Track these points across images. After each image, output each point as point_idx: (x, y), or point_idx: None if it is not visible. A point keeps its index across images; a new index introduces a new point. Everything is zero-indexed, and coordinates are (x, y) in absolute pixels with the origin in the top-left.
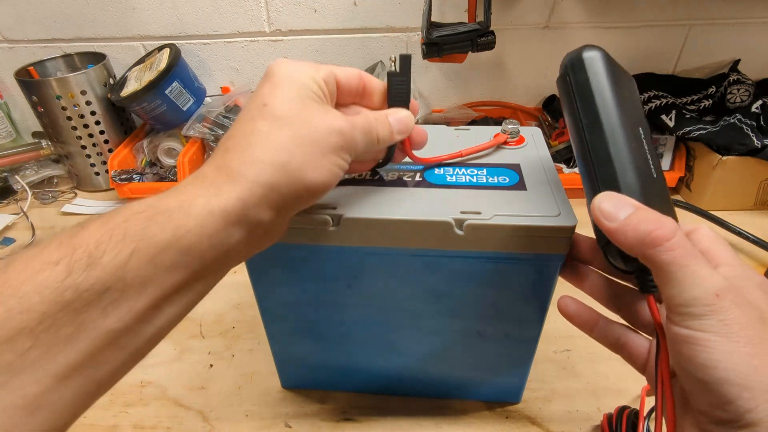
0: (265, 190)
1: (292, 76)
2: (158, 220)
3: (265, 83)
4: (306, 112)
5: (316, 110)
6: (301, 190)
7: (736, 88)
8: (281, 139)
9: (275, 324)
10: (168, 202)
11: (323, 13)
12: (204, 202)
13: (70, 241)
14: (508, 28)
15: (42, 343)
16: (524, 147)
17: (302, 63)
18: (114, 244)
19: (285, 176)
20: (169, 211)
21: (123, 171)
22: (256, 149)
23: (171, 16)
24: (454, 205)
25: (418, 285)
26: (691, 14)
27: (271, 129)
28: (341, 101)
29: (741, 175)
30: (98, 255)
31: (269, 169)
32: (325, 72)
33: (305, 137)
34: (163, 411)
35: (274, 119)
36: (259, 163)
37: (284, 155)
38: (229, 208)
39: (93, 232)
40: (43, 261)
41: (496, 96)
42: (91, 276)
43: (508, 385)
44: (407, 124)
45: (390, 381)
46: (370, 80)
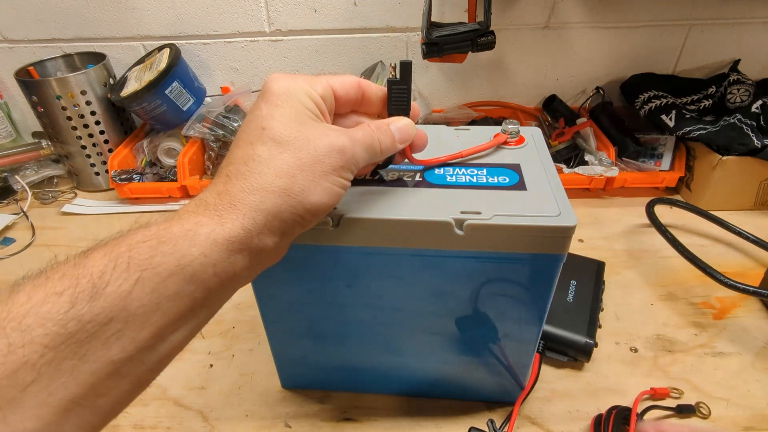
0: (267, 217)
1: (288, 93)
2: (162, 249)
3: (261, 102)
4: (305, 133)
5: (316, 130)
6: (304, 213)
7: (736, 88)
8: (282, 164)
9: (275, 324)
10: (172, 230)
11: (323, 13)
12: (208, 231)
13: (73, 271)
14: (508, 28)
15: (43, 376)
16: (524, 147)
17: (298, 78)
18: (118, 274)
19: (287, 202)
20: (173, 240)
21: (123, 171)
22: (257, 176)
23: (171, 16)
24: (454, 205)
25: (418, 285)
26: (691, 14)
27: (271, 154)
28: (339, 111)
29: (741, 175)
30: (102, 285)
31: (271, 197)
32: (321, 86)
33: (306, 160)
34: (163, 411)
35: (274, 143)
36: (261, 190)
37: (285, 180)
38: (233, 237)
39: (97, 261)
40: (47, 292)
41: (496, 96)
42: (95, 307)
43: (508, 385)
44: (409, 132)
45: (390, 381)
46: (368, 87)
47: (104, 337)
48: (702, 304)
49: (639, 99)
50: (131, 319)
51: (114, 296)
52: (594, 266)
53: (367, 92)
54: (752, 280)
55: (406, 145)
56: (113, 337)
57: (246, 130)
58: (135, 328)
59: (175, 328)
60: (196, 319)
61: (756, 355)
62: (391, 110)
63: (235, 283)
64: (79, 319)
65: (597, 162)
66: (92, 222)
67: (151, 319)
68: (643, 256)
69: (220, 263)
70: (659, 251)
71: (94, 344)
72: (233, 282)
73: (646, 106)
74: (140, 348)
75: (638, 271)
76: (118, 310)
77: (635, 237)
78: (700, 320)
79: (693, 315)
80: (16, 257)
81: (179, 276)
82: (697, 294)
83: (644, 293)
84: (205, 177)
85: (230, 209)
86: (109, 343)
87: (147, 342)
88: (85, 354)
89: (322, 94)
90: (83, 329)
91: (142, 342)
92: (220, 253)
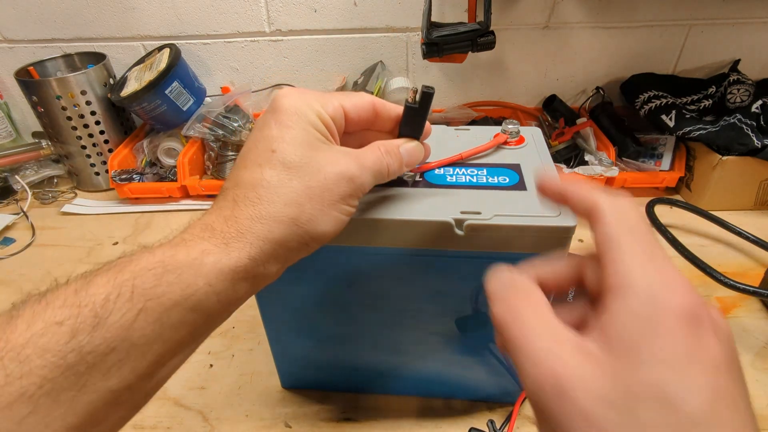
0: (274, 246)
1: (299, 113)
2: (168, 279)
3: (272, 121)
4: (316, 158)
5: (326, 155)
6: (309, 242)
7: (736, 88)
8: (291, 192)
9: (275, 324)
10: (177, 258)
11: (323, 13)
12: (214, 260)
13: (75, 298)
14: (508, 28)
15: (41, 408)
16: (524, 147)
17: (308, 96)
18: (121, 303)
19: (295, 231)
20: (179, 270)
21: (123, 171)
22: (266, 204)
23: (171, 16)
24: (454, 205)
25: (418, 285)
26: (691, 14)
27: (281, 180)
28: (350, 130)
29: (741, 175)
30: (104, 315)
31: (279, 226)
32: (332, 107)
33: (315, 188)
34: (163, 411)
35: (284, 168)
36: (269, 219)
37: (294, 210)
38: (240, 267)
39: (100, 288)
40: (47, 321)
41: (496, 96)
42: (96, 337)
43: (508, 385)
44: (417, 157)
45: (390, 381)
46: (383, 107)
47: (104, 368)
48: None
49: (639, 99)
50: (133, 349)
51: (116, 327)
52: None
53: (381, 112)
54: (752, 280)
55: (411, 168)
56: (114, 367)
57: (254, 149)
58: (136, 358)
59: (174, 354)
60: (195, 344)
61: (756, 355)
62: (403, 130)
63: (235, 307)
64: (80, 350)
65: (597, 162)
66: (92, 222)
67: (152, 348)
68: None
69: (224, 292)
70: None
71: (93, 375)
72: (234, 306)
73: (646, 106)
74: (140, 377)
75: None
76: (120, 341)
77: None
78: None
79: None
80: (16, 257)
81: (183, 306)
82: None
83: None
84: (205, 177)
85: (238, 237)
86: (109, 373)
87: (147, 370)
88: (84, 385)
89: (332, 115)
90: (83, 360)
91: (142, 371)
92: (225, 282)
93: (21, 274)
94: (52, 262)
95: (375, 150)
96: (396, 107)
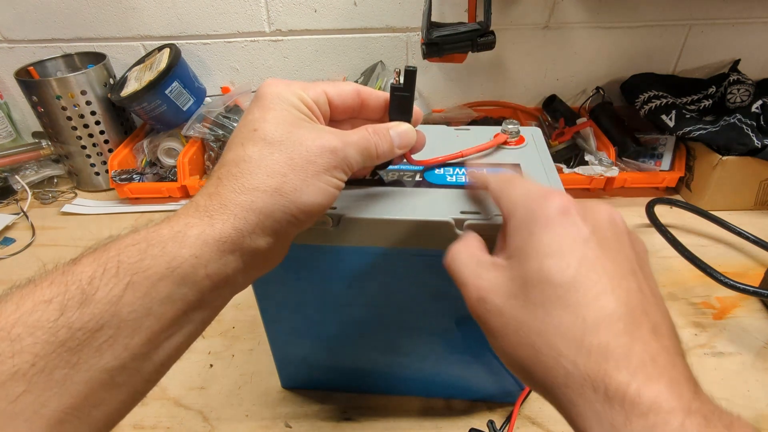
0: (259, 216)
1: (281, 96)
2: (152, 252)
3: (255, 107)
4: (297, 133)
5: (307, 130)
6: (297, 213)
7: (736, 88)
8: (273, 163)
9: (275, 324)
10: (161, 232)
11: (323, 13)
12: (198, 232)
13: (62, 278)
14: (508, 28)
15: (35, 387)
16: (524, 147)
17: (292, 83)
18: (108, 279)
19: (279, 201)
20: (162, 243)
21: (123, 171)
22: (248, 176)
23: (171, 16)
24: (454, 205)
25: (418, 285)
26: (691, 14)
27: (262, 154)
28: (336, 117)
29: (741, 175)
30: (91, 291)
31: (262, 196)
32: (314, 92)
33: (297, 160)
34: (163, 411)
35: (265, 144)
36: (252, 190)
37: (277, 180)
38: (224, 237)
39: (85, 267)
40: (35, 300)
41: (496, 96)
42: (85, 313)
43: (509, 385)
44: (410, 138)
45: (390, 381)
46: (369, 95)
47: (96, 345)
48: (702, 304)
49: (639, 99)
50: (123, 324)
51: (104, 302)
52: None
53: (367, 99)
54: (752, 280)
55: (406, 151)
56: (105, 344)
57: (238, 133)
58: (127, 334)
59: (169, 334)
60: (190, 324)
61: (756, 355)
62: (392, 115)
63: (230, 287)
64: (70, 326)
65: (597, 162)
66: (92, 222)
67: (143, 324)
68: None
69: (212, 264)
70: (659, 251)
71: (85, 352)
72: (227, 285)
73: (646, 106)
74: (134, 355)
75: None
76: (109, 316)
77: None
78: (700, 320)
79: (693, 315)
80: (16, 257)
81: (170, 279)
82: (697, 294)
83: None
84: (205, 177)
85: (220, 210)
86: (101, 350)
87: (140, 348)
88: (77, 363)
89: (315, 99)
90: (74, 337)
91: (135, 348)
92: (211, 253)
93: (21, 274)
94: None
95: (361, 130)
96: (383, 94)
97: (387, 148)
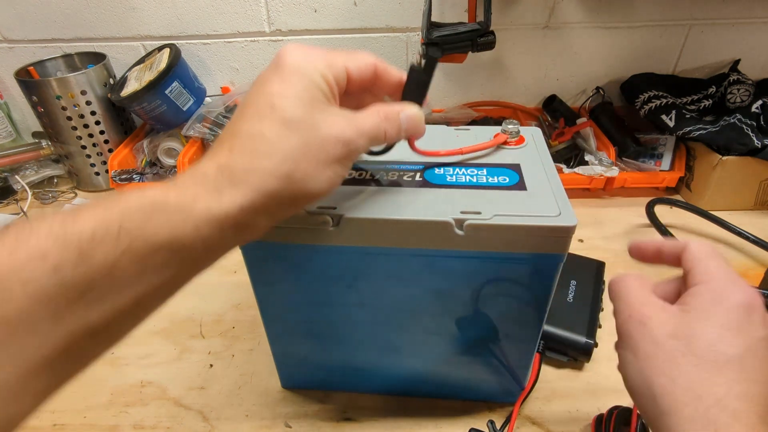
0: (266, 199)
1: (302, 71)
2: (156, 219)
3: (274, 76)
4: (314, 116)
5: (325, 115)
6: (302, 199)
7: (736, 88)
8: (288, 147)
9: (275, 324)
10: (168, 200)
11: (323, 13)
12: (205, 206)
13: (62, 230)
14: (508, 28)
15: (17, 335)
16: (524, 147)
17: (314, 54)
18: (108, 240)
19: (287, 186)
20: (168, 212)
21: (123, 171)
22: (262, 157)
23: (171, 16)
24: (454, 205)
25: (418, 285)
26: (691, 14)
27: (279, 135)
28: (350, 91)
29: (741, 175)
30: (89, 251)
31: (273, 180)
32: (336, 69)
33: (311, 147)
34: (163, 411)
35: (283, 124)
36: (264, 172)
37: (289, 165)
38: (229, 215)
39: (86, 224)
40: (30, 252)
41: (496, 96)
42: (79, 273)
43: (509, 385)
44: (417, 124)
45: (390, 381)
46: (384, 72)
47: (84, 303)
48: None
49: (639, 99)
50: (114, 286)
51: (100, 264)
52: (594, 266)
53: (382, 76)
54: (752, 280)
55: (411, 136)
56: (94, 302)
57: (254, 103)
58: (116, 296)
59: (155, 296)
60: (176, 287)
61: None
62: (406, 95)
63: (218, 254)
64: (62, 284)
65: (597, 162)
66: None
67: (134, 287)
68: None
69: (211, 238)
70: None
71: (73, 309)
72: (216, 255)
73: (646, 106)
74: (119, 314)
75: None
76: (102, 277)
77: (635, 237)
78: None
79: None
80: None
81: (168, 249)
82: None
83: None
84: None
85: (231, 186)
86: (89, 309)
87: (127, 309)
88: (62, 318)
89: (336, 76)
90: (64, 294)
91: (122, 308)
92: (213, 229)
93: None
94: None
95: (374, 115)
96: (397, 72)
97: (395, 134)
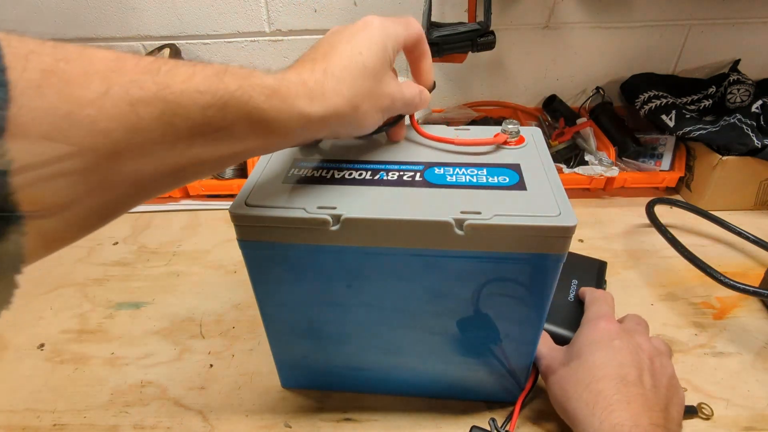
0: (333, 119)
1: (383, 38)
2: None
3: (363, 31)
4: (381, 73)
5: (387, 77)
6: (347, 126)
7: (736, 88)
8: (365, 87)
9: (275, 324)
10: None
11: (323, 13)
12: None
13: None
14: (508, 28)
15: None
16: (524, 147)
17: (391, 25)
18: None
19: (351, 115)
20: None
21: None
22: (348, 86)
23: (171, 16)
24: (454, 205)
25: (418, 285)
26: (691, 14)
27: (362, 74)
28: None
29: (741, 175)
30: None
31: (347, 107)
32: (402, 41)
33: (375, 93)
34: (163, 411)
35: (364, 68)
36: (345, 98)
37: (360, 100)
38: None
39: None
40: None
41: (496, 96)
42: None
43: (509, 384)
44: (426, 103)
45: (390, 381)
46: (424, 50)
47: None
48: (702, 304)
49: (639, 99)
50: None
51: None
52: (596, 266)
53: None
54: (752, 280)
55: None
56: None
57: (347, 43)
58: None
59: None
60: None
61: (756, 355)
62: None
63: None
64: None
65: (597, 162)
66: None
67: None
68: (643, 256)
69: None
70: (659, 251)
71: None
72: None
73: (646, 106)
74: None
75: (638, 271)
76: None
77: (635, 237)
78: (700, 320)
79: (693, 315)
80: None
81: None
82: (697, 294)
83: (644, 293)
84: None
85: (320, 100)
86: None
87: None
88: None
89: (396, 49)
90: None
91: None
92: (297, 123)
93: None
94: (52, 262)
95: (415, 89)
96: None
97: (414, 108)
